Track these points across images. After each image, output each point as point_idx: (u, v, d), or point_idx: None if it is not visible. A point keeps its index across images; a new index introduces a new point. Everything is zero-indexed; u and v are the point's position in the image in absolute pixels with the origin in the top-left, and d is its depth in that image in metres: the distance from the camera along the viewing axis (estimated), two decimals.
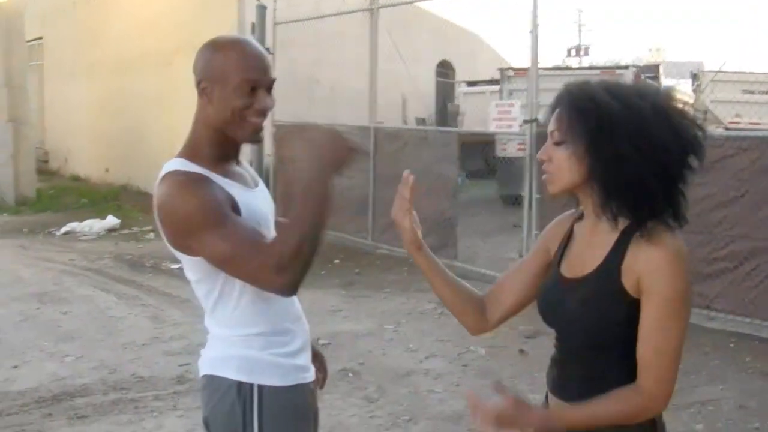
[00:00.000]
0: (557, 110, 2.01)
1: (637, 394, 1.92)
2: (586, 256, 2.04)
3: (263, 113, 2.35)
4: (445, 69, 22.32)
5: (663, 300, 1.90)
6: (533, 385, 5.88)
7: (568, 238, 2.17)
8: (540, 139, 8.82)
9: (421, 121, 20.17)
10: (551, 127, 2.02)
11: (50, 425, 5.15)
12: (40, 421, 5.22)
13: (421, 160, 10.65)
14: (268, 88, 2.36)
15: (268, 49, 13.56)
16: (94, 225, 12.60)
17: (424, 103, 20.75)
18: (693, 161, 2.01)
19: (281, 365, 2.44)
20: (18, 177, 15.32)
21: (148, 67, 16.93)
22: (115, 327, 7.22)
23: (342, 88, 15.68)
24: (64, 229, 12.44)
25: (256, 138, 2.39)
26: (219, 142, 2.37)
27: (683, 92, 16.74)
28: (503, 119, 9.87)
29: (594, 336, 1.99)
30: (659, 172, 1.93)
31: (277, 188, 8.86)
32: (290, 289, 2.18)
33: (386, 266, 9.99)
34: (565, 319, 2.05)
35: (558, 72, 15.35)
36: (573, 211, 2.20)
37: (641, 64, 16.22)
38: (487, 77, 18.65)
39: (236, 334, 2.42)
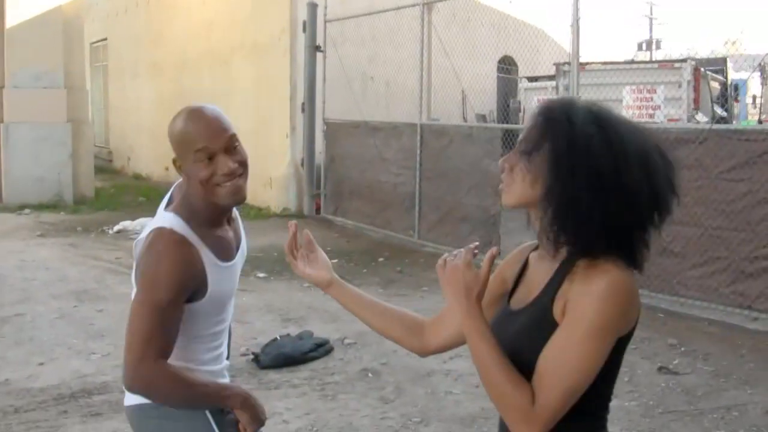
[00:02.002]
0: (532, 120, 1.88)
1: (526, 401, 1.73)
2: (532, 286, 1.92)
3: (230, 175, 2.35)
4: (506, 65, 22.08)
5: (579, 321, 1.72)
6: None
7: (524, 268, 2.03)
8: None
9: (482, 117, 19.98)
10: (521, 136, 1.90)
11: (63, 422, 5.20)
12: (55, 418, 5.28)
13: (466, 157, 10.56)
14: (227, 149, 2.35)
15: (318, 47, 13.66)
16: (146, 223, 12.69)
17: (486, 100, 20.56)
18: (657, 217, 1.88)
19: None
20: (77, 176, 15.58)
21: (206, 67, 17.12)
22: None
23: (397, 85, 15.61)
24: (116, 228, 12.61)
25: (236, 199, 2.41)
26: (210, 208, 2.41)
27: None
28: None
29: (528, 370, 1.78)
30: (618, 214, 1.77)
31: None
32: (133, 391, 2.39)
33: (429, 264, 9.85)
34: (506, 352, 1.82)
35: (610, 67, 15.04)
36: (527, 244, 2.08)
37: (700, 57, 15.72)
38: (550, 72, 18.40)
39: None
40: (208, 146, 2.31)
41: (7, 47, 15.19)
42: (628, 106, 9.85)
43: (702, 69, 15.78)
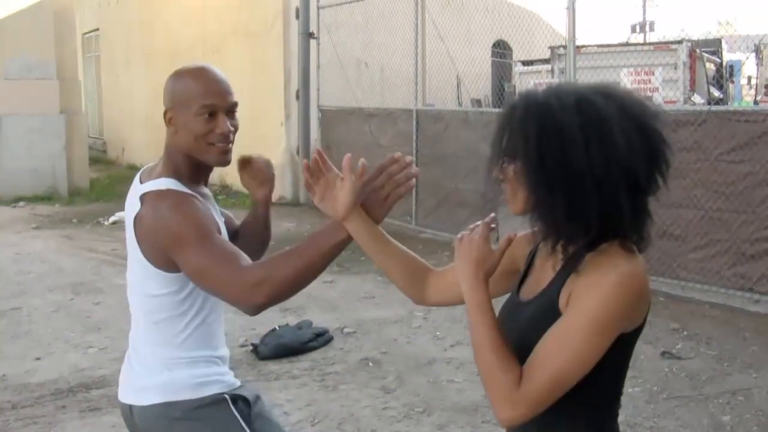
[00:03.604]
0: (506, 126, 1.79)
1: (511, 381, 1.69)
2: (541, 277, 1.88)
3: (225, 137, 2.39)
4: (501, 49, 21.99)
5: (581, 311, 1.68)
6: None
7: (532, 258, 1.99)
8: None
9: (477, 102, 19.88)
10: (503, 144, 1.80)
11: (62, 417, 5.14)
12: (53, 413, 5.21)
13: (462, 142, 10.49)
14: (229, 112, 2.41)
15: (311, 34, 13.57)
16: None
17: (481, 84, 20.48)
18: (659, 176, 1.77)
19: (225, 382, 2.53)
20: (71, 167, 15.48)
21: (199, 55, 16.95)
22: None
23: (392, 71, 15.51)
24: (112, 219, 12.52)
25: (223, 160, 2.43)
26: (192, 166, 2.43)
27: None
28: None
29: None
30: (615, 189, 1.69)
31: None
32: (256, 311, 2.24)
33: (428, 250, 9.79)
34: (514, 343, 1.80)
35: (605, 49, 14.94)
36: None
37: (695, 39, 15.59)
38: (545, 56, 18.32)
39: (184, 356, 2.45)
40: (215, 103, 2.36)
41: None
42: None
43: (697, 50, 15.68)
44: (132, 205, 2.38)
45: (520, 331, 1.82)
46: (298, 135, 14.07)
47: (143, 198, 2.33)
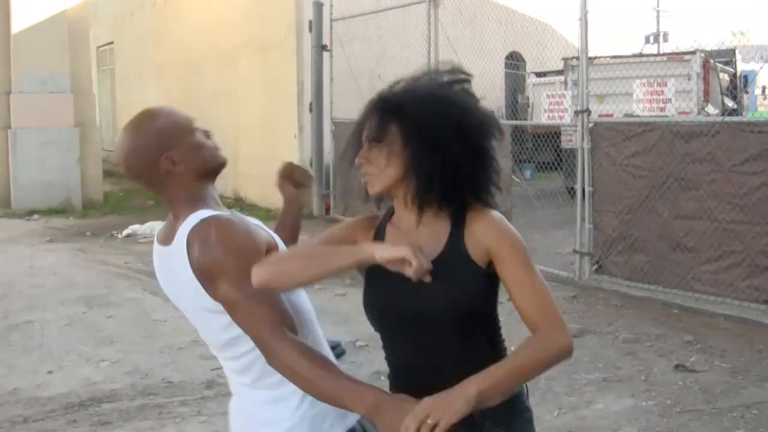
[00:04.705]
0: (369, 114, 2.14)
1: (543, 336, 2.00)
2: (424, 246, 2.08)
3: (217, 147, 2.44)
4: (514, 60, 21.98)
5: (515, 251, 2.05)
6: (570, 387, 5.67)
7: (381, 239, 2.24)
8: (593, 129, 8.55)
9: None
10: (366, 131, 2.13)
11: (72, 431, 5.14)
12: (65, 427, 5.21)
13: None
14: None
15: (324, 46, 13.59)
16: (155, 227, 12.64)
17: (494, 96, 20.47)
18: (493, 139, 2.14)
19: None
20: (85, 180, 15.55)
21: (212, 67, 17.06)
22: (156, 330, 7.21)
23: None
24: (126, 232, 12.57)
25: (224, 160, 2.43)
26: (207, 185, 2.39)
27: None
28: (554, 110, 9.60)
29: (464, 311, 2.07)
30: (471, 154, 2.08)
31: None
32: (275, 367, 2.14)
33: None
34: (421, 309, 2.08)
35: (618, 60, 14.91)
36: (366, 216, 2.32)
37: (709, 49, 15.52)
38: (558, 68, 18.30)
39: (288, 390, 2.26)
40: (199, 127, 2.41)
41: (14, 52, 15.16)
42: (639, 99, 9.74)
43: (711, 60, 15.63)
44: (171, 265, 2.28)
45: (431, 292, 2.03)
46: (312, 147, 14.08)
47: (188, 242, 2.21)
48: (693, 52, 14.89)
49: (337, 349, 6.46)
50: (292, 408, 2.27)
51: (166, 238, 2.33)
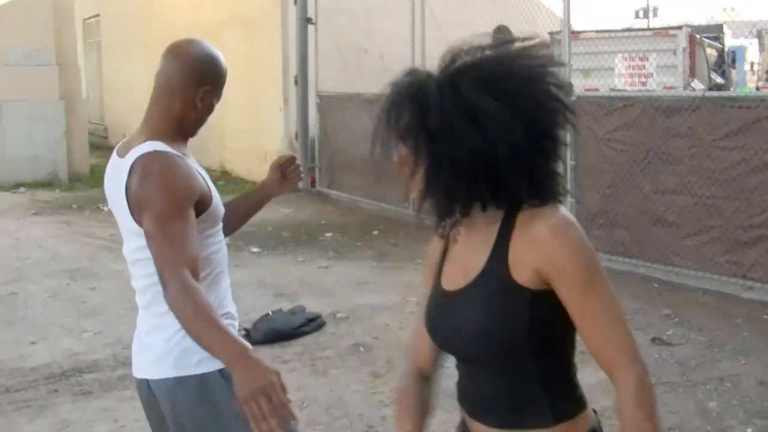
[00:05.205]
0: (385, 116, 1.78)
1: (628, 386, 1.70)
2: (469, 261, 1.83)
3: None
4: (502, 34, 21.94)
5: (572, 272, 1.70)
6: None
7: (445, 251, 1.96)
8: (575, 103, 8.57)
9: None
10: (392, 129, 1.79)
11: (54, 401, 5.19)
12: (46, 397, 5.27)
13: None
14: None
15: (309, 19, 13.56)
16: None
17: None
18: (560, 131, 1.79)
19: None
20: (71, 153, 15.52)
21: None
22: None
23: (392, 57, 15.48)
24: None
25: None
26: (181, 135, 2.57)
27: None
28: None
29: (498, 345, 1.78)
30: (518, 150, 1.69)
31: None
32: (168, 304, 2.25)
33: (425, 236, 9.55)
34: (460, 337, 1.83)
35: (604, 35, 14.91)
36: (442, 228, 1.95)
37: (697, 24, 15.58)
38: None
39: (167, 322, 2.41)
40: None
41: None
42: (620, 74, 9.77)
43: (698, 36, 15.66)
44: (118, 177, 2.44)
45: (470, 321, 1.80)
46: (297, 121, 14.08)
47: (133, 166, 2.39)
48: (679, 27, 14.92)
49: (318, 321, 6.54)
50: (165, 338, 2.46)
51: (123, 151, 2.51)
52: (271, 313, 6.61)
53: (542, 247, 1.71)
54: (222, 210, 2.58)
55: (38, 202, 13.18)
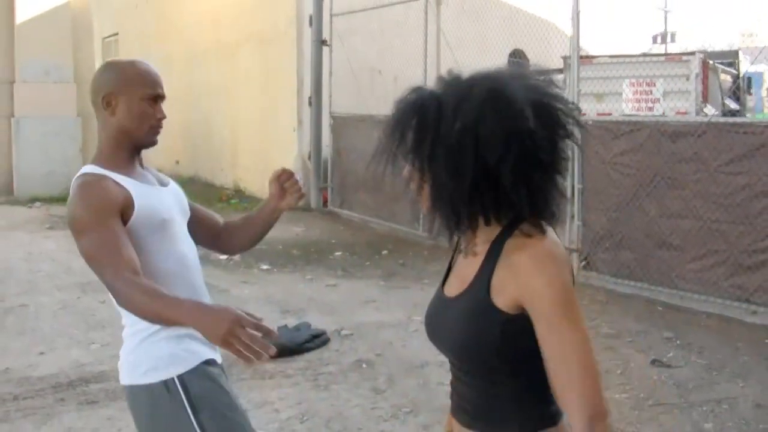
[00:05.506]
0: (390, 133, 1.86)
1: (575, 427, 1.77)
2: (464, 273, 1.93)
3: (162, 121, 2.71)
4: (517, 58, 22.05)
5: (542, 304, 1.78)
6: None
7: (453, 253, 2.08)
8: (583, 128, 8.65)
9: None
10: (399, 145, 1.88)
11: (60, 409, 5.28)
12: (52, 405, 5.36)
13: None
14: (163, 100, 2.72)
15: (324, 41, 13.70)
16: None
17: None
18: (563, 149, 1.86)
19: (179, 355, 2.62)
20: None
21: (214, 60, 17.20)
22: None
23: (406, 79, 15.57)
24: None
25: (155, 141, 2.70)
26: (123, 147, 2.66)
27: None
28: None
29: (473, 357, 1.90)
30: (512, 165, 1.76)
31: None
32: (121, 306, 2.45)
33: (433, 257, 9.87)
34: (445, 339, 1.97)
35: (617, 60, 14.99)
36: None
37: (714, 50, 15.66)
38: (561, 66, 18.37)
39: (142, 330, 2.62)
40: (159, 93, 2.68)
41: (17, 42, 15.33)
42: (628, 99, 9.85)
43: (711, 62, 15.73)
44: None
45: (452, 329, 1.92)
46: (310, 141, 14.22)
47: (73, 183, 2.57)
48: (692, 53, 14.99)
49: (322, 337, 6.61)
50: (125, 350, 2.69)
51: None
52: (276, 328, 6.68)
53: (521, 278, 1.79)
54: (161, 217, 2.63)
55: (53, 216, 13.31)
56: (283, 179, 2.92)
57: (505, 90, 1.78)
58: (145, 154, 2.74)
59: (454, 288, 1.97)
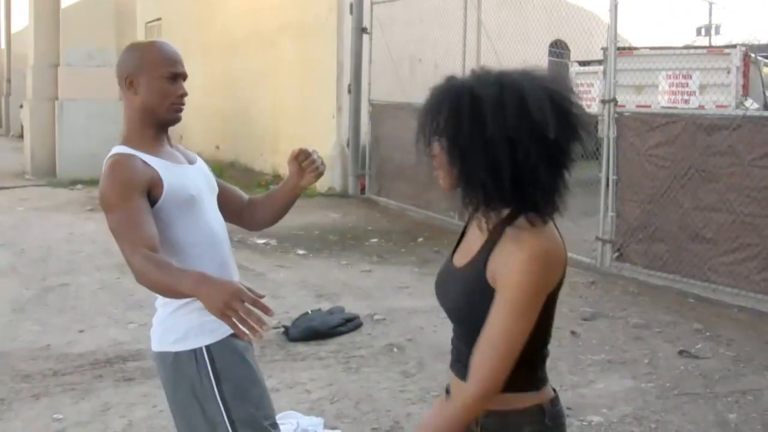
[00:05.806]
0: (423, 118, 2.02)
1: (459, 397, 2.06)
2: (471, 247, 2.12)
3: (184, 98, 2.79)
4: (559, 48, 21.96)
5: (506, 289, 1.96)
6: (575, 367, 5.87)
7: (465, 227, 2.25)
8: (618, 119, 8.69)
9: None
10: (431, 124, 2.04)
11: (98, 386, 5.45)
12: (90, 381, 5.54)
13: None
14: (185, 78, 2.78)
15: (364, 29, 13.79)
16: None
17: None
18: (572, 146, 2.01)
19: (208, 326, 2.74)
20: None
21: (254, 48, 17.34)
22: None
23: (446, 68, 15.61)
24: None
25: (178, 118, 2.78)
26: (148, 125, 2.76)
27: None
28: (583, 99, 9.71)
29: (471, 324, 2.06)
30: (529, 156, 1.92)
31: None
32: (137, 280, 2.52)
33: None
34: (448, 305, 2.18)
35: (657, 52, 14.94)
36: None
37: (760, 44, 15.53)
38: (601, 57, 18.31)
39: (174, 300, 2.72)
40: (179, 71, 2.77)
41: (62, 27, 15.59)
42: (664, 91, 9.85)
43: (753, 55, 15.60)
44: None
45: (454, 299, 2.15)
46: (349, 128, 14.33)
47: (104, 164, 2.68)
48: (733, 46, 14.88)
49: (355, 321, 6.73)
50: (157, 319, 2.83)
51: None
52: (310, 312, 6.82)
53: (505, 264, 1.99)
54: (189, 194, 2.74)
55: (94, 199, 13.50)
56: (301, 158, 3.01)
57: (529, 96, 1.92)
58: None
59: (461, 258, 2.16)
